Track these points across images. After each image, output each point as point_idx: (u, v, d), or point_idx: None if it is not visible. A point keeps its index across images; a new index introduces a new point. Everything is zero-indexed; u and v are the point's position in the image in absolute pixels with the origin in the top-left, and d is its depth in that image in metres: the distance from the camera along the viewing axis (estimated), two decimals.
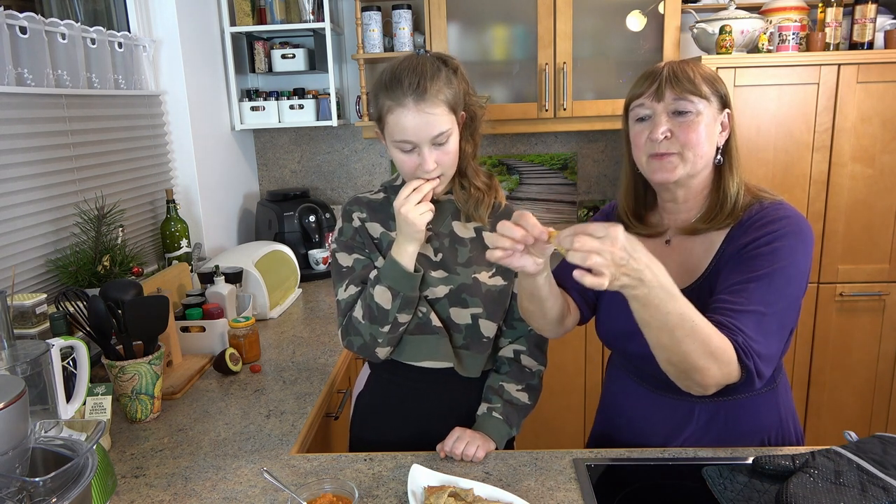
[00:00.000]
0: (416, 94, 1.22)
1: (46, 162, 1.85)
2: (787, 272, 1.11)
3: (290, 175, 3.21)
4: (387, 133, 1.29)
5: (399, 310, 1.30)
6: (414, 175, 1.29)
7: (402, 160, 1.28)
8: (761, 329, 1.08)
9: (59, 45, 1.90)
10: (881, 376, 2.59)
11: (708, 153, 1.18)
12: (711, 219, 1.21)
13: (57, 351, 1.24)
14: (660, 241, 1.28)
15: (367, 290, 1.32)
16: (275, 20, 2.81)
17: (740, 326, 1.07)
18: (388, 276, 1.29)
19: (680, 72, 1.18)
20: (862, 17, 2.40)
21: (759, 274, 1.10)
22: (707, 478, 1.13)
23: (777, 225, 1.14)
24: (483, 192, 1.38)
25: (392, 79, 1.25)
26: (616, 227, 0.92)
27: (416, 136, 1.23)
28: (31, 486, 0.80)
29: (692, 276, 1.21)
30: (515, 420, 1.37)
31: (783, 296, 1.10)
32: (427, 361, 1.39)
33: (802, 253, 1.13)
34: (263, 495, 1.18)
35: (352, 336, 1.35)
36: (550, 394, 2.59)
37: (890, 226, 2.47)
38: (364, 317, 1.32)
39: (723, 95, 1.20)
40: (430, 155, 1.25)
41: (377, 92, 1.28)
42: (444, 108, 1.24)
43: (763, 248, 1.12)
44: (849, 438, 1.14)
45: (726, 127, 1.21)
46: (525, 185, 3.13)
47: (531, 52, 2.69)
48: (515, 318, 1.45)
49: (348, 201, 1.42)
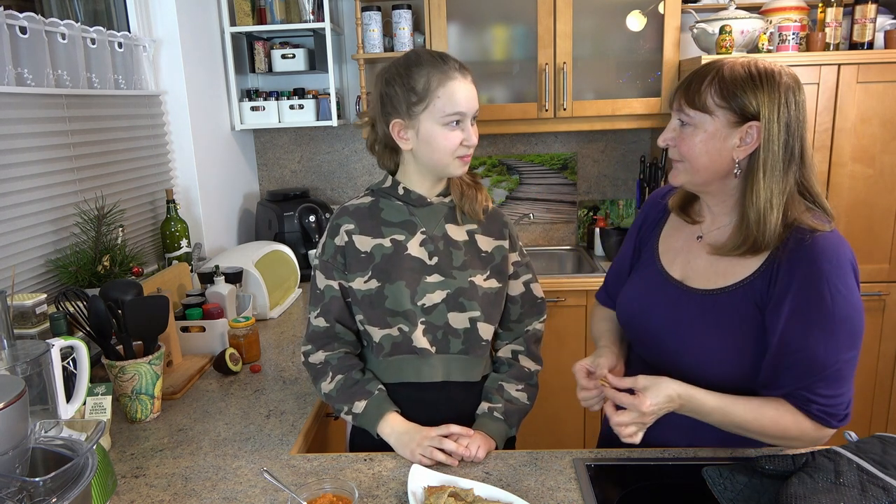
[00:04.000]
0: (461, 68, 1.29)
1: (46, 162, 1.85)
2: (848, 318, 1.09)
3: (290, 175, 3.21)
4: (431, 111, 1.27)
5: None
6: (456, 152, 1.29)
7: (447, 136, 1.28)
8: (837, 383, 1.10)
9: (59, 45, 1.90)
10: (881, 376, 2.59)
11: (708, 166, 1.14)
12: (739, 244, 1.15)
13: (57, 351, 1.24)
14: (695, 231, 1.27)
15: (331, 382, 1.36)
16: (275, 20, 2.81)
17: (814, 397, 1.11)
18: (357, 419, 1.33)
19: (697, 78, 1.14)
20: (862, 17, 2.40)
21: (823, 333, 1.09)
22: (707, 478, 1.13)
23: (816, 268, 1.09)
24: (474, 189, 1.40)
25: (431, 57, 1.29)
26: (643, 400, 1.09)
27: (468, 105, 1.28)
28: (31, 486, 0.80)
29: (725, 279, 1.18)
30: (515, 420, 1.37)
31: (851, 341, 1.10)
32: (412, 378, 1.38)
33: (847, 288, 1.09)
34: (263, 495, 1.18)
35: (305, 364, 1.42)
36: (550, 394, 2.59)
37: (890, 226, 2.47)
38: (314, 379, 1.41)
39: (743, 107, 1.10)
40: (474, 129, 1.31)
41: (414, 73, 1.27)
42: None
43: (815, 301, 1.09)
44: (849, 438, 1.14)
45: (749, 141, 1.11)
46: (525, 185, 3.13)
47: (531, 52, 2.69)
48: (512, 320, 1.46)
49: (336, 212, 1.40)
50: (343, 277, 1.37)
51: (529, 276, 1.46)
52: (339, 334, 1.39)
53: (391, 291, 1.33)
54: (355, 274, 1.35)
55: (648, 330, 1.26)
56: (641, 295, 1.30)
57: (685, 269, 1.25)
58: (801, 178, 1.14)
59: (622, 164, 3.09)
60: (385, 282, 1.33)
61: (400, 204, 1.38)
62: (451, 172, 1.33)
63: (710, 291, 1.19)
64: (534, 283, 1.47)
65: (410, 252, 1.35)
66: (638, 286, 1.32)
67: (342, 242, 1.36)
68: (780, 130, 1.10)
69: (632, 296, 1.33)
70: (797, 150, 1.12)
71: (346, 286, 1.37)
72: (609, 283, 1.47)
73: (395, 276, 1.33)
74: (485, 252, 1.39)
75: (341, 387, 1.35)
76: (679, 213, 1.30)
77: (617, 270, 1.43)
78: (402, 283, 1.33)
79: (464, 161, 1.32)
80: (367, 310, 1.35)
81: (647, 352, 1.28)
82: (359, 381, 1.35)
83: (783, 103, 1.10)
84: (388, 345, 1.35)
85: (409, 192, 1.37)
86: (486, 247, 1.39)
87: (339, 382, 1.35)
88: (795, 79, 1.13)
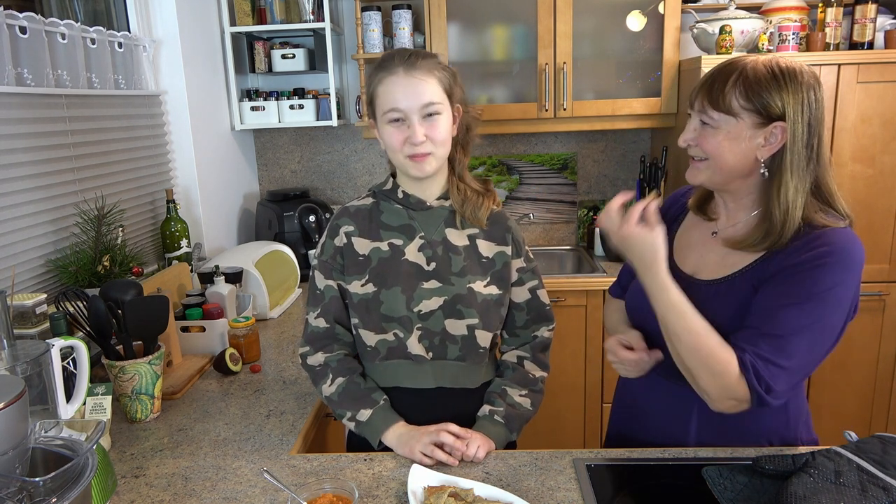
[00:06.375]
0: (408, 63, 1.24)
1: (46, 162, 1.85)
2: (823, 300, 1.08)
3: (290, 175, 3.21)
4: (378, 110, 1.27)
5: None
6: (402, 149, 1.26)
7: (391, 133, 1.26)
8: (783, 352, 1.08)
9: (59, 45, 1.90)
10: (881, 376, 2.59)
11: (732, 166, 1.15)
12: (758, 240, 1.15)
13: (57, 351, 1.24)
14: (711, 227, 1.27)
15: (332, 385, 1.35)
16: (275, 20, 2.81)
17: (755, 348, 1.08)
18: (360, 427, 1.32)
19: (720, 79, 1.13)
20: (862, 17, 2.40)
21: (791, 301, 1.08)
22: (707, 478, 1.13)
23: (819, 251, 1.09)
24: (482, 196, 1.36)
25: (386, 56, 1.28)
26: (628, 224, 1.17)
27: (406, 101, 1.23)
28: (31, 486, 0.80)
29: (732, 269, 1.19)
30: (516, 425, 1.34)
31: (815, 322, 1.08)
32: (408, 384, 1.37)
33: (842, 283, 1.08)
34: (263, 495, 1.18)
35: (304, 366, 1.42)
36: (550, 394, 2.58)
37: (890, 226, 2.47)
38: (313, 381, 1.40)
39: (767, 107, 1.10)
40: (419, 126, 1.24)
41: (370, 73, 1.30)
42: (434, 81, 1.25)
43: (801, 275, 1.09)
44: (849, 438, 1.14)
45: (773, 141, 1.11)
46: (525, 185, 3.13)
47: (531, 52, 2.69)
48: (518, 326, 1.43)
49: (336, 213, 1.40)
50: (341, 278, 1.37)
51: (536, 283, 1.43)
52: (338, 335, 1.39)
53: (387, 297, 1.32)
54: (352, 276, 1.35)
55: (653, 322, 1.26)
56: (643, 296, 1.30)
57: (698, 263, 1.26)
58: (818, 176, 1.15)
59: (622, 164, 3.09)
60: (381, 286, 1.32)
61: (399, 207, 1.36)
62: (409, 173, 1.30)
63: (714, 281, 1.20)
64: (540, 289, 1.43)
65: (408, 257, 1.33)
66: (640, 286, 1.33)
67: (341, 243, 1.36)
68: (803, 130, 1.11)
69: (638, 288, 1.33)
70: (816, 148, 1.13)
71: (344, 287, 1.37)
72: (622, 277, 1.48)
73: (391, 282, 1.32)
74: (486, 258, 1.36)
75: (343, 391, 1.34)
76: (697, 212, 1.30)
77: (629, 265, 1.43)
78: (399, 288, 1.32)
79: (415, 160, 1.26)
80: (362, 314, 1.34)
81: (651, 343, 1.28)
82: (362, 389, 1.34)
83: (806, 103, 1.10)
84: (383, 349, 1.34)
85: (408, 196, 1.35)
86: (488, 252, 1.37)
87: (341, 386, 1.34)
88: (815, 77, 1.14)
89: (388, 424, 1.30)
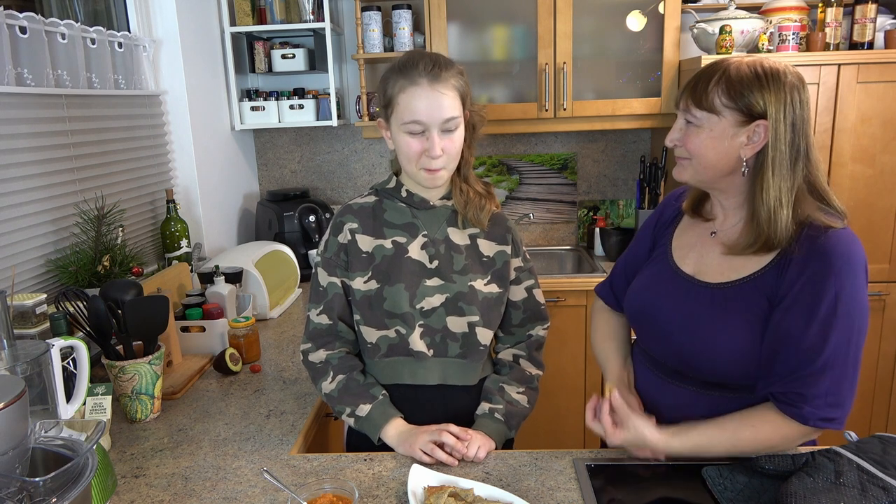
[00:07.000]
0: (432, 75, 1.23)
1: (46, 162, 1.85)
2: (848, 314, 1.09)
3: (290, 175, 3.21)
4: (395, 116, 1.27)
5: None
6: (418, 161, 1.27)
7: (408, 143, 1.26)
8: (835, 382, 1.10)
9: (59, 45, 1.90)
10: (881, 376, 2.59)
11: (714, 164, 1.16)
12: (752, 242, 1.15)
13: (57, 351, 1.24)
14: (709, 227, 1.27)
15: (332, 382, 1.35)
16: (275, 20, 2.81)
17: (808, 393, 1.10)
18: (359, 422, 1.32)
19: (704, 78, 1.15)
20: (862, 17, 2.40)
21: (822, 325, 1.08)
22: (707, 478, 1.13)
23: (826, 263, 1.09)
24: (484, 198, 1.38)
25: (407, 61, 1.26)
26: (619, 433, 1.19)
27: (429, 116, 1.23)
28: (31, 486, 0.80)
29: (738, 273, 1.19)
30: (515, 423, 1.36)
31: (850, 338, 1.09)
32: (408, 380, 1.38)
33: (854, 287, 1.09)
34: (263, 495, 1.18)
35: (305, 363, 1.42)
36: (551, 394, 2.59)
37: (890, 226, 2.47)
38: (313, 378, 1.40)
39: (749, 106, 1.11)
40: (438, 139, 1.25)
41: (388, 76, 1.28)
42: (455, 94, 1.26)
43: (814, 290, 1.09)
44: (849, 438, 1.14)
45: (756, 140, 1.12)
46: (525, 185, 3.13)
47: (531, 52, 2.69)
48: (514, 324, 1.45)
49: (340, 210, 1.40)
50: (345, 275, 1.37)
51: (532, 282, 1.45)
52: (340, 332, 1.39)
53: (390, 293, 1.33)
54: (356, 273, 1.35)
55: (656, 323, 1.26)
56: (650, 288, 1.31)
57: (698, 263, 1.25)
58: (809, 176, 1.15)
59: (622, 164, 3.09)
60: (384, 283, 1.33)
61: (403, 206, 1.37)
62: (421, 183, 1.33)
63: (721, 285, 1.19)
64: (536, 288, 1.46)
65: (411, 255, 1.34)
66: (647, 280, 1.33)
67: (345, 240, 1.36)
68: (786, 129, 1.11)
69: (641, 289, 1.33)
70: (803, 148, 1.13)
71: (347, 284, 1.37)
72: (614, 278, 1.46)
73: (394, 279, 1.33)
74: (486, 257, 1.38)
75: (343, 388, 1.34)
76: (692, 214, 1.31)
77: (624, 267, 1.43)
78: (402, 285, 1.33)
79: (430, 174, 1.28)
80: (364, 310, 1.35)
81: (654, 346, 1.28)
82: (361, 384, 1.35)
83: (789, 102, 1.11)
84: (384, 346, 1.35)
85: (411, 195, 1.36)
86: (488, 251, 1.39)
87: (341, 383, 1.35)
88: (800, 77, 1.14)
89: (388, 419, 1.30)
